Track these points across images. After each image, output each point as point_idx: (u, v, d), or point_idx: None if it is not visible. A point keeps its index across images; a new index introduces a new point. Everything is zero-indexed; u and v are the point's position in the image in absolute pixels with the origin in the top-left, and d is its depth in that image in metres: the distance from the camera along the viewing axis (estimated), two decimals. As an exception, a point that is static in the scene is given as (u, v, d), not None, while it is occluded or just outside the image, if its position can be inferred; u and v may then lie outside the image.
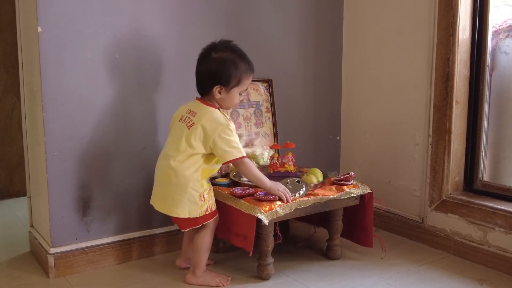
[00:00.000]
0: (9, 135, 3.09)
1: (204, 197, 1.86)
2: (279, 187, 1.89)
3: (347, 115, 2.66)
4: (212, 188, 1.92)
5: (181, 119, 1.88)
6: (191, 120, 1.84)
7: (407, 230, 2.37)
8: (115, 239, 2.09)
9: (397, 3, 2.34)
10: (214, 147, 1.81)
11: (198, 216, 1.84)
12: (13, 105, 3.06)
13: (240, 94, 1.92)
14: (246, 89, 1.95)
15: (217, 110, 1.87)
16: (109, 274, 2.01)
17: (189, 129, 1.83)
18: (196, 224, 1.86)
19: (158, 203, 1.90)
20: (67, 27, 1.89)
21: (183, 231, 1.94)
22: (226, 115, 1.89)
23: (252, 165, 1.88)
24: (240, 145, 1.85)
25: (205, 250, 1.90)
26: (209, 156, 1.85)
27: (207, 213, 1.87)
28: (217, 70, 1.84)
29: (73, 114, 1.94)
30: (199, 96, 1.92)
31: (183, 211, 1.83)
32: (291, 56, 2.48)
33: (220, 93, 1.85)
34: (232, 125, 1.85)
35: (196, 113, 1.85)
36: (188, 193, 1.82)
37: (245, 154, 1.85)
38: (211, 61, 1.85)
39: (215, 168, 1.93)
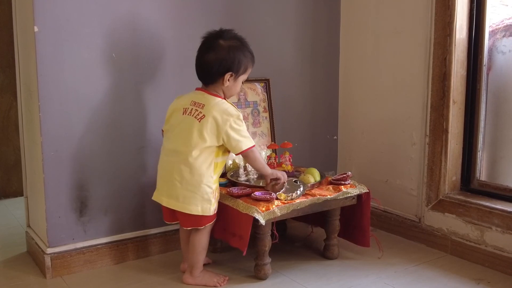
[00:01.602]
0: (6, 135, 3.09)
1: (215, 195, 1.85)
2: (277, 172, 1.93)
3: (344, 115, 2.66)
4: (219, 188, 1.91)
5: (184, 111, 1.84)
6: (200, 112, 1.81)
7: (404, 230, 2.37)
8: (112, 239, 2.09)
9: (394, 2, 2.34)
10: (227, 139, 1.80)
11: (211, 214, 1.83)
12: (10, 105, 3.06)
13: (242, 83, 1.92)
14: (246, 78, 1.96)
15: (224, 100, 1.86)
16: (106, 274, 2.01)
17: (199, 121, 1.80)
18: (199, 225, 1.84)
19: (167, 200, 1.85)
20: (64, 26, 1.89)
21: (185, 228, 1.91)
22: (233, 104, 1.88)
23: (259, 153, 1.88)
24: (249, 134, 1.85)
25: (202, 250, 1.90)
26: (220, 149, 1.84)
27: (215, 212, 1.87)
28: (228, 57, 1.83)
29: (70, 114, 1.94)
30: (199, 87, 1.90)
31: (196, 208, 1.81)
32: (289, 55, 2.48)
33: (229, 80, 1.85)
34: (241, 115, 1.85)
35: (203, 104, 1.82)
36: (201, 189, 1.80)
37: (254, 143, 1.86)
38: (220, 48, 1.83)
39: (224, 162, 1.92)
